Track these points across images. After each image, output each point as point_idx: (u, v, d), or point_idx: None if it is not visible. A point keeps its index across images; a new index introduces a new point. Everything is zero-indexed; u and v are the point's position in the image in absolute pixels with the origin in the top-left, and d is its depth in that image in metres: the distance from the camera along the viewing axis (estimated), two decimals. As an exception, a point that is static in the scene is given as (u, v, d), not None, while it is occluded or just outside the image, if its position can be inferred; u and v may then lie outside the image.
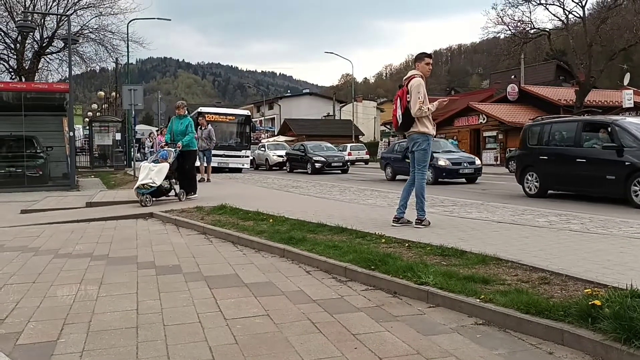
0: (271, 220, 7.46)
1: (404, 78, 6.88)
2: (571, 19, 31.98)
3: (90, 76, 39.26)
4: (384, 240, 5.73)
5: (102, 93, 47.92)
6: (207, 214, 8.65)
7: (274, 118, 72.89)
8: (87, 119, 47.57)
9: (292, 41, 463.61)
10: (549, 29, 33.10)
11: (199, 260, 5.65)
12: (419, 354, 3.06)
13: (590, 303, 3.19)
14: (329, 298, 4.18)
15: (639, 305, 3.01)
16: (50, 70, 29.14)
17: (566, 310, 3.25)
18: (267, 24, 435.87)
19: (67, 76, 21.56)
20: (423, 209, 6.78)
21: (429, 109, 6.60)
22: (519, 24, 32.80)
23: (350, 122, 54.54)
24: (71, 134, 16.80)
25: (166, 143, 11.31)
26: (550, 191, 12.10)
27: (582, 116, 29.45)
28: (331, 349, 3.14)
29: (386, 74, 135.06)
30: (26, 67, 26.23)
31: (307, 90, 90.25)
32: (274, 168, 30.47)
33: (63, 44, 25.56)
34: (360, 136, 55.29)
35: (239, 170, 25.71)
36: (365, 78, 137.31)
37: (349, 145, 40.98)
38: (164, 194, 10.68)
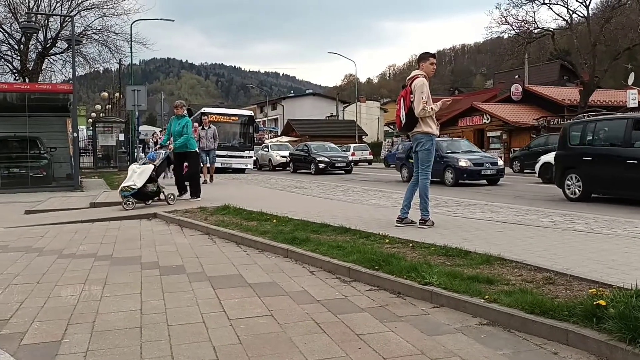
0: (275, 221, 7.46)
1: (407, 78, 6.86)
2: (575, 18, 31.98)
3: (94, 77, 39.35)
4: (387, 241, 5.72)
5: (105, 94, 48.10)
6: (211, 214, 8.65)
7: (277, 118, 72.99)
8: (90, 120, 47.70)
9: (296, 42, 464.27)
10: (553, 29, 33.06)
11: (203, 261, 5.65)
12: (423, 354, 3.05)
13: (595, 303, 3.17)
14: (333, 298, 4.17)
15: (644, 306, 3.00)
16: (54, 71, 29.20)
17: (571, 310, 3.24)
18: (270, 25, 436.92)
19: (71, 77, 21.58)
20: (427, 209, 6.77)
21: (432, 109, 6.58)
22: (522, 23, 32.79)
23: (354, 123, 54.55)
24: (75, 134, 16.82)
25: (161, 145, 10.94)
26: (594, 195, 11.16)
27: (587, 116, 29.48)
28: (335, 349, 3.14)
29: (389, 74, 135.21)
30: (30, 68, 26.29)
31: (310, 91, 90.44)
32: (277, 168, 30.47)
33: (67, 45, 25.61)
34: (363, 136, 55.30)
35: (242, 171, 25.76)
36: (369, 78, 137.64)
37: (352, 145, 40.97)
38: (150, 197, 10.24)
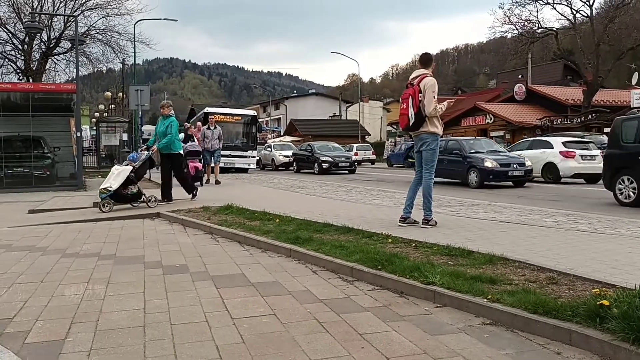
0: (277, 220, 7.46)
1: (412, 77, 6.83)
2: (579, 18, 31.96)
3: (97, 77, 39.39)
4: (390, 240, 5.73)
5: (109, 93, 48.12)
6: (214, 213, 8.67)
7: (280, 118, 72.99)
8: (94, 120, 47.80)
9: (299, 42, 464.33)
10: (557, 29, 33.05)
11: (206, 260, 5.66)
12: (425, 353, 3.05)
13: (598, 303, 3.17)
14: (336, 298, 4.17)
15: (647, 306, 2.99)
16: (58, 71, 29.29)
17: (574, 310, 3.24)
18: (273, 25, 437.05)
19: (74, 77, 21.66)
20: (430, 209, 6.77)
21: (441, 108, 6.62)
22: (526, 23, 32.82)
23: (357, 122, 54.52)
24: (78, 134, 16.86)
25: (147, 147, 10.61)
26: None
27: (590, 116, 29.23)
28: (338, 349, 3.14)
29: (392, 74, 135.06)
30: (34, 68, 26.38)
31: (313, 91, 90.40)
32: (280, 168, 30.48)
33: (70, 45, 25.65)
34: (366, 136, 55.26)
35: (245, 171, 25.76)
36: (372, 78, 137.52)
37: (355, 145, 40.93)
38: (128, 200, 9.96)
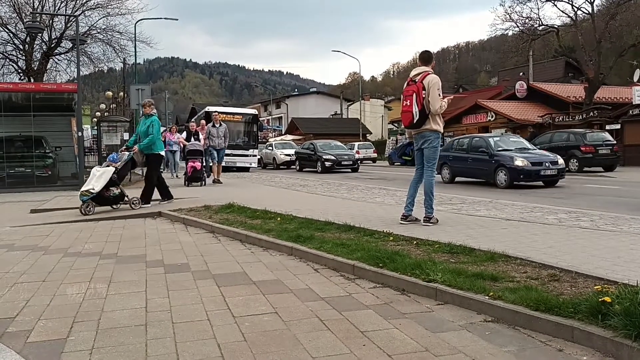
0: (279, 219, 7.46)
1: (413, 74, 6.81)
2: (580, 15, 31.80)
3: (98, 76, 39.43)
4: (392, 238, 5.72)
5: (110, 93, 48.08)
6: (215, 212, 8.67)
7: (281, 117, 72.98)
8: (95, 119, 47.75)
9: (299, 40, 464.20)
10: (558, 26, 32.94)
11: (207, 259, 5.66)
12: (427, 351, 3.05)
13: (600, 300, 3.16)
14: (337, 296, 4.17)
15: (649, 302, 2.98)
16: (59, 71, 29.23)
17: (576, 307, 3.23)
18: (274, 24, 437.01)
19: (76, 76, 21.67)
20: (432, 207, 6.77)
21: (444, 105, 6.65)
22: (527, 20, 32.66)
23: (358, 121, 54.49)
24: (80, 134, 16.86)
25: (127, 147, 10.28)
26: None
27: (591, 113, 29.17)
28: (340, 346, 3.14)
29: (394, 72, 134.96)
30: (35, 68, 26.35)
31: (314, 89, 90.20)
32: (281, 167, 30.47)
33: (71, 45, 25.65)
34: (367, 135, 55.22)
35: (246, 170, 25.76)
36: (373, 76, 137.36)
37: (356, 143, 40.91)
38: (112, 202, 9.72)
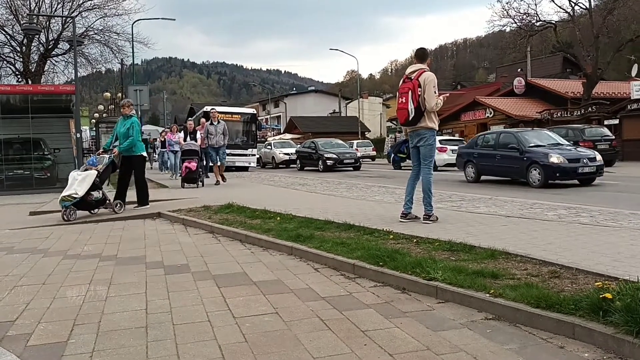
0: (278, 218, 7.46)
1: (409, 72, 6.81)
2: (577, 10, 31.82)
3: (96, 77, 39.41)
4: (392, 237, 5.72)
5: (108, 94, 48.06)
6: (215, 212, 8.66)
7: (279, 116, 72.94)
8: (93, 120, 47.73)
9: (297, 39, 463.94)
10: (555, 21, 32.92)
11: (207, 259, 5.65)
12: (428, 349, 3.04)
13: (601, 296, 3.16)
14: (338, 295, 4.17)
15: (650, 298, 2.98)
16: (57, 72, 29.18)
17: (577, 304, 3.23)
18: (271, 23, 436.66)
19: (73, 78, 21.65)
20: (431, 204, 6.76)
21: (440, 102, 6.65)
22: (524, 16, 32.65)
23: (356, 119, 54.46)
24: (78, 135, 16.84)
25: (104, 149, 9.92)
26: None
27: (590, 109, 29.19)
28: (341, 346, 3.13)
29: (392, 69, 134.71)
30: (32, 70, 26.31)
31: (313, 88, 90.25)
32: (280, 166, 30.43)
33: (68, 46, 25.61)
34: (366, 132, 55.21)
35: (245, 169, 25.75)
36: (371, 74, 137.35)
37: (355, 141, 40.87)
38: (94, 206, 9.43)
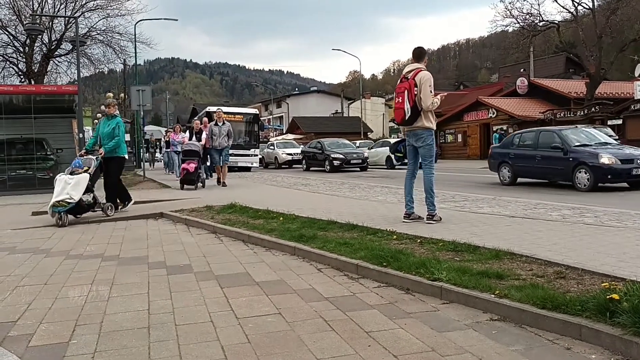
0: (281, 219, 7.43)
1: (406, 71, 6.81)
2: (580, 10, 31.73)
3: (99, 78, 39.48)
4: (395, 237, 5.69)
5: (110, 94, 48.09)
6: (217, 213, 8.64)
7: (282, 116, 72.94)
8: (96, 121, 47.77)
9: (299, 39, 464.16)
10: (558, 21, 32.86)
11: (210, 260, 5.63)
12: (433, 350, 3.01)
13: (608, 297, 3.12)
14: (341, 295, 4.14)
15: (658, 299, 2.94)
16: (59, 73, 29.25)
17: (583, 304, 3.19)
18: (273, 23, 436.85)
19: (76, 78, 21.67)
20: (433, 204, 6.73)
21: (437, 102, 6.62)
22: (527, 16, 32.59)
23: (359, 119, 54.47)
24: (81, 135, 16.88)
25: (86, 151, 9.60)
26: None
27: (593, 109, 29.12)
28: (344, 347, 3.10)
29: (394, 70, 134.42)
30: (35, 70, 26.35)
31: (315, 88, 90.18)
32: (283, 166, 30.41)
33: (71, 46, 25.66)
34: (368, 133, 55.19)
35: (248, 169, 25.75)
36: (373, 74, 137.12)
37: (357, 142, 40.82)
38: (86, 210, 9.12)
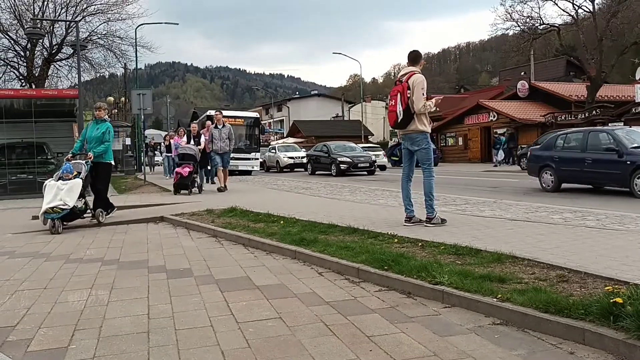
0: (282, 222, 7.40)
1: (400, 74, 6.85)
2: (581, 13, 31.75)
3: (100, 82, 39.58)
4: (396, 240, 5.66)
5: (111, 98, 48.19)
6: (218, 216, 8.62)
7: (282, 120, 72.96)
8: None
9: (300, 43, 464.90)
10: (559, 25, 32.90)
11: (210, 263, 5.60)
12: (436, 355, 2.98)
13: (611, 301, 3.10)
14: (342, 299, 4.11)
15: (663, 303, 2.91)
16: (60, 77, 29.31)
17: (587, 308, 3.17)
18: (274, 27, 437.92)
19: (77, 82, 21.68)
20: (432, 207, 6.70)
21: (430, 105, 6.56)
22: (528, 20, 32.62)
23: (359, 123, 54.49)
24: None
25: (72, 155, 9.21)
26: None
27: (594, 112, 29.11)
28: (346, 352, 3.07)
29: (395, 73, 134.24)
30: (36, 74, 26.39)
31: (316, 92, 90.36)
32: (285, 170, 30.33)
33: (72, 51, 25.71)
34: (369, 136, 55.18)
35: (248, 173, 25.73)
36: (374, 78, 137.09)
37: (358, 145, 40.77)
38: (77, 217, 8.80)
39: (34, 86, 25.03)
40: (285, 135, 61.20)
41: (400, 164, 7.31)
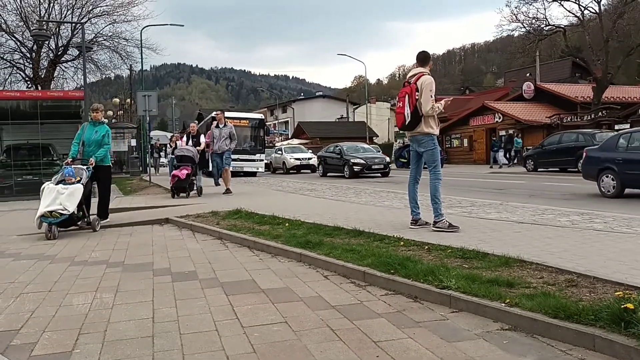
0: (287, 224, 7.37)
1: (409, 75, 6.75)
2: (587, 14, 31.65)
3: (105, 83, 39.64)
4: (402, 243, 5.61)
5: (117, 100, 48.36)
6: (223, 218, 8.60)
7: (287, 121, 73.02)
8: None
9: (305, 44, 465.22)
10: (564, 26, 32.83)
11: (215, 266, 5.58)
12: (443, 361, 2.94)
13: (622, 307, 3.05)
14: (348, 304, 4.07)
15: (675, 309, 2.86)
16: (66, 79, 29.43)
17: (597, 314, 3.12)
18: (279, 28, 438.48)
19: (83, 84, 21.74)
20: (439, 211, 6.62)
21: (438, 107, 6.51)
22: (533, 21, 32.55)
23: (364, 124, 54.40)
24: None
25: (72, 159, 8.92)
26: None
27: (600, 113, 28.94)
28: (352, 358, 3.04)
29: (399, 74, 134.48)
30: (42, 76, 26.49)
31: (320, 93, 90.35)
32: (291, 171, 30.27)
33: (78, 52, 25.80)
34: (374, 137, 55.13)
35: (253, 174, 25.73)
36: (379, 79, 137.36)
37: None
38: (74, 223, 8.54)
39: (39, 88, 25.12)
40: (290, 137, 61.23)
41: (409, 165, 7.23)
